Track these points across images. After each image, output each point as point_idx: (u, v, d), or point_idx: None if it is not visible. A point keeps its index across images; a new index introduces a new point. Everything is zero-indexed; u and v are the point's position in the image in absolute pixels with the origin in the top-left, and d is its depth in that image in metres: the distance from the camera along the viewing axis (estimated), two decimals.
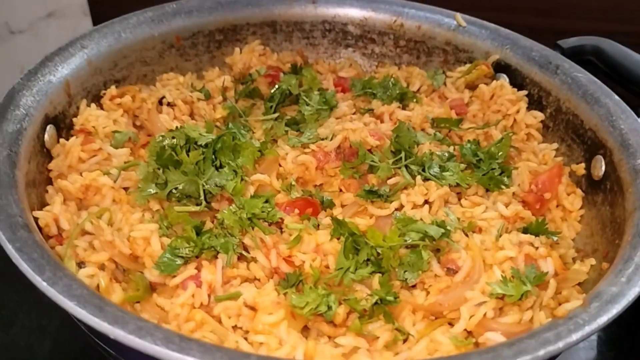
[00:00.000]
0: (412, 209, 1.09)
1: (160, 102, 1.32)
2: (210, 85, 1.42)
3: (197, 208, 1.06)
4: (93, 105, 1.25)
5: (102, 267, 0.94)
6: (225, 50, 1.51)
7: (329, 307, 0.90)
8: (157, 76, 1.42)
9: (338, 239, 1.02)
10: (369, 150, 1.19)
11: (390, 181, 1.15)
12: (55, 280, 0.75)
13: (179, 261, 0.95)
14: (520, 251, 0.98)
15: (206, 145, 1.10)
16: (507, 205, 1.12)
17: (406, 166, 1.17)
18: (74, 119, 1.21)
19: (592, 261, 1.04)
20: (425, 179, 1.14)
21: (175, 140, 1.09)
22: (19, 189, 0.93)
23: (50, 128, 1.14)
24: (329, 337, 0.91)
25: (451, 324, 0.94)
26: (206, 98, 1.38)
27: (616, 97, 1.20)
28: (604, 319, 0.76)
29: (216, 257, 0.99)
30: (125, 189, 1.11)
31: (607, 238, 1.07)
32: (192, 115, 1.34)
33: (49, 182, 1.12)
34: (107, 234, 0.96)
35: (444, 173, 1.16)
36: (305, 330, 0.93)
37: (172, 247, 0.96)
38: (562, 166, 1.23)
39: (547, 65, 1.33)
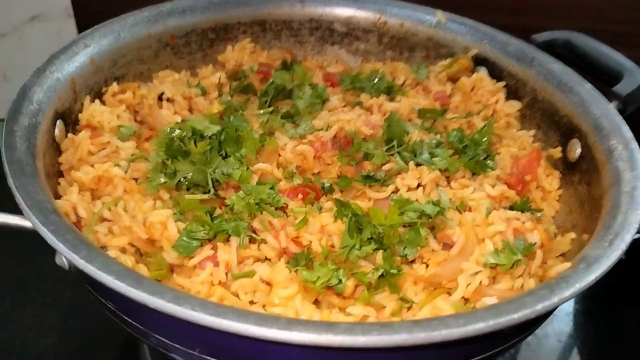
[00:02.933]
0: (407, 191, 1.17)
1: (159, 98, 1.37)
2: (205, 81, 1.48)
3: (206, 196, 1.12)
4: (97, 101, 1.29)
5: (123, 250, 1.00)
6: (217, 49, 1.57)
7: (339, 281, 0.97)
8: (154, 74, 1.48)
9: (342, 220, 1.09)
10: (363, 139, 1.27)
11: (385, 167, 1.23)
12: (93, 258, 0.81)
13: (195, 243, 1.01)
14: (509, 226, 1.07)
15: (211, 137, 1.17)
16: (492, 187, 1.21)
17: (398, 153, 1.25)
18: (80, 115, 1.26)
19: (572, 235, 1.14)
20: (417, 164, 1.22)
21: (183, 132, 1.15)
22: (41, 179, 0.98)
23: (59, 123, 1.19)
24: (339, 309, 0.98)
25: (449, 294, 1.02)
26: (202, 94, 1.44)
27: (588, 84, 1.31)
28: (591, 277, 0.85)
29: (228, 240, 1.05)
30: (135, 179, 1.16)
31: (585, 214, 1.17)
32: (190, 110, 1.40)
33: (60, 175, 1.17)
34: (125, 220, 1.02)
35: (433, 159, 1.24)
36: (316, 303, 1.00)
37: (188, 230, 1.02)
38: (540, 150, 1.33)
39: (524, 58, 1.43)
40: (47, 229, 0.84)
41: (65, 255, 0.82)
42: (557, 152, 1.32)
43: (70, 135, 1.21)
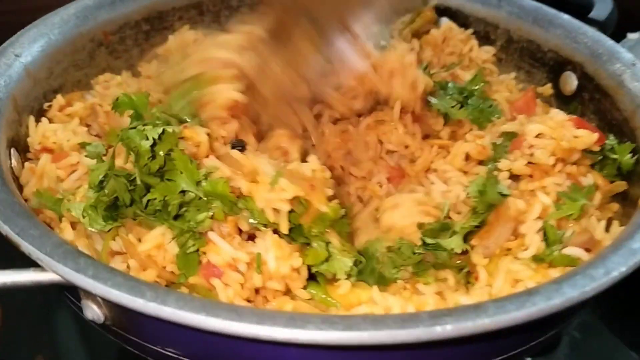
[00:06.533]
0: None
1: None
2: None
3: None
4: (44, 119, 1.07)
5: None
6: (153, 41, 1.38)
7: None
8: (92, 80, 1.26)
9: None
10: None
11: None
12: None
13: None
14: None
15: None
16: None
17: None
18: (28, 140, 1.03)
19: None
20: None
21: None
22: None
23: (14, 152, 0.96)
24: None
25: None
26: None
27: (566, 15, 1.28)
28: None
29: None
30: None
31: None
32: None
33: None
34: (142, 248, 0.83)
35: None
36: None
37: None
38: (534, 90, 1.28)
39: (489, 0, 1.38)
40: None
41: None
42: (547, 89, 1.29)
43: (27, 165, 0.98)
